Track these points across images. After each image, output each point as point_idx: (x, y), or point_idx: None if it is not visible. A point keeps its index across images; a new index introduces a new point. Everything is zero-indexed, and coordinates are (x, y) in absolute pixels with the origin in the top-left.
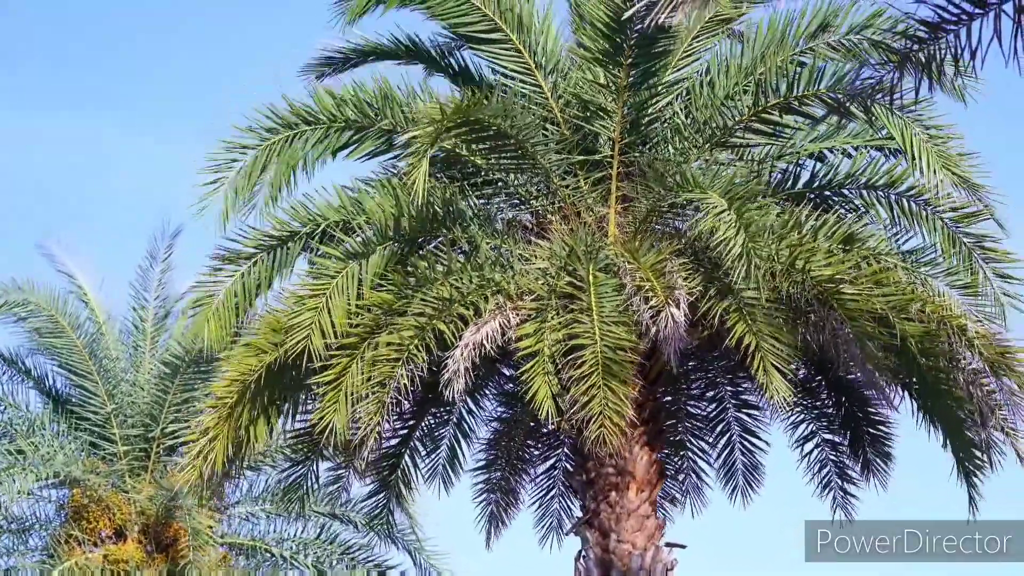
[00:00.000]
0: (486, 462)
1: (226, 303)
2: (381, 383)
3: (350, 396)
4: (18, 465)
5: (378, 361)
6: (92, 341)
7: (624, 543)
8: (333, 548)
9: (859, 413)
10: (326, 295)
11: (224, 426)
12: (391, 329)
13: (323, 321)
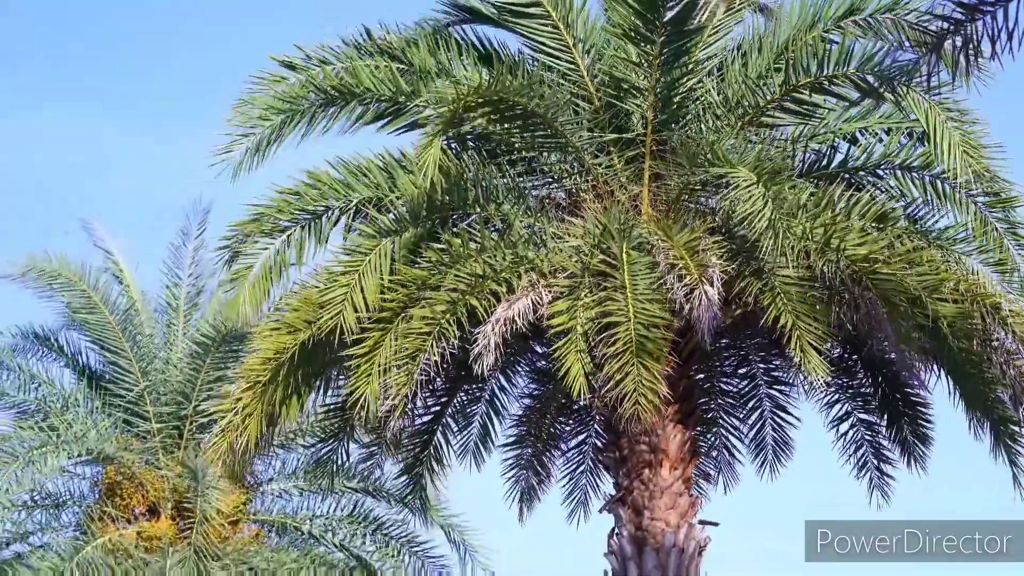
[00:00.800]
0: (517, 438)
1: (262, 276)
2: (412, 356)
3: (383, 369)
4: (52, 442)
5: (410, 334)
6: (125, 318)
7: (657, 521)
8: (366, 525)
9: (896, 394)
10: (359, 272)
11: (258, 403)
12: (424, 304)
13: (355, 297)
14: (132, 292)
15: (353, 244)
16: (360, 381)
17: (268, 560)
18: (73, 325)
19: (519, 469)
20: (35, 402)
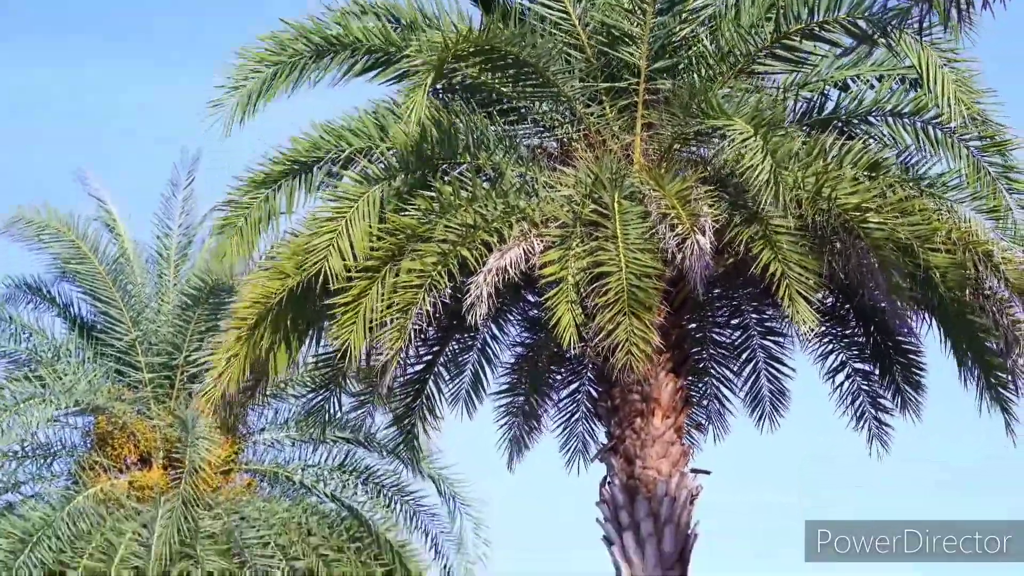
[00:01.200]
0: (509, 386)
1: (251, 225)
2: (404, 310)
3: (368, 317)
4: (43, 393)
5: (401, 287)
6: (116, 268)
7: (649, 469)
8: (357, 475)
9: (889, 343)
10: (346, 218)
11: (244, 347)
12: (414, 255)
13: (342, 244)
14: (124, 242)
15: (341, 191)
16: (345, 330)
17: (260, 510)
18: (64, 276)
19: (510, 417)
20: (26, 352)
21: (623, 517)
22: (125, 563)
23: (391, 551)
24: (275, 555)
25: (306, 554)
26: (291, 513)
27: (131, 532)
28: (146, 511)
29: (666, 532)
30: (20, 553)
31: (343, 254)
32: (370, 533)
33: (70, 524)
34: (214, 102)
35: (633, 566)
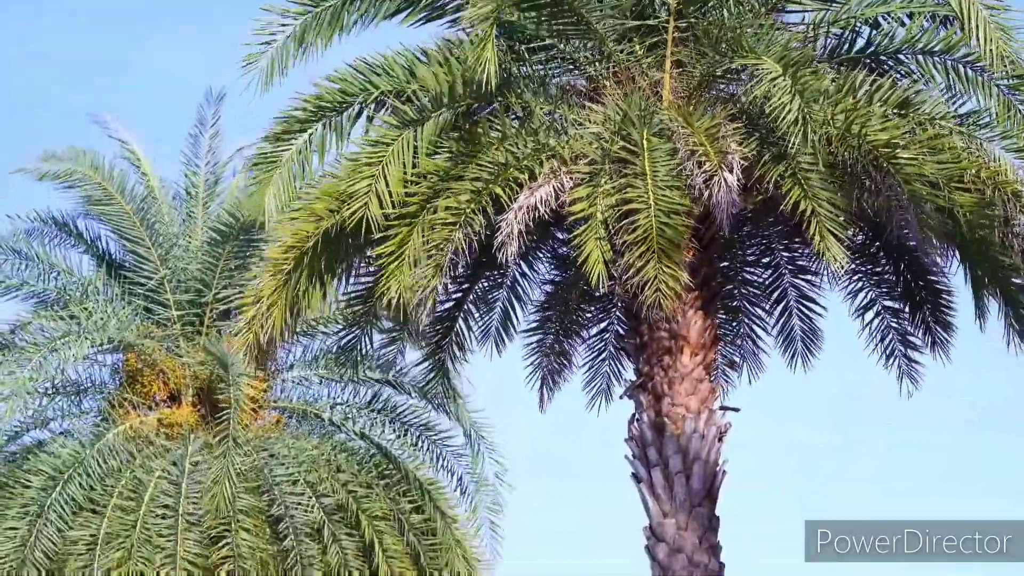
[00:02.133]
0: (538, 324)
1: (285, 170)
2: (438, 246)
3: (411, 264)
4: (73, 331)
5: (436, 225)
6: (143, 206)
7: (677, 406)
8: (385, 413)
9: (919, 281)
10: (383, 162)
11: (280, 293)
12: (448, 194)
13: (380, 189)
14: (150, 180)
15: (377, 135)
16: (391, 278)
17: (289, 447)
18: (91, 215)
19: (540, 355)
20: (55, 291)
21: (651, 454)
22: (155, 501)
23: (420, 489)
24: (304, 492)
25: (335, 491)
26: (320, 450)
27: (160, 470)
28: (176, 448)
29: (694, 469)
30: (51, 491)
31: (381, 199)
32: (399, 470)
33: (100, 461)
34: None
35: (661, 503)
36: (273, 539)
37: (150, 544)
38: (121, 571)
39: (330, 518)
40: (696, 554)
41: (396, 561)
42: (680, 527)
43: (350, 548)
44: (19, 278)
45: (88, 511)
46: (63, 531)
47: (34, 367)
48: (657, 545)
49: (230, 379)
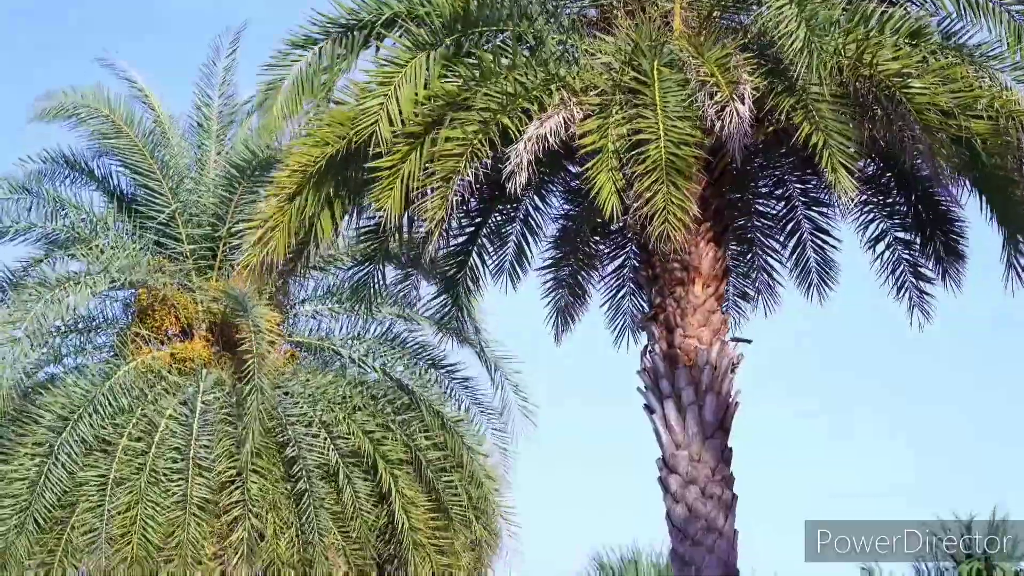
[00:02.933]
0: (553, 259)
1: (295, 87)
2: (446, 178)
3: (407, 182)
4: (83, 268)
5: (443, 156)
6: (153, 140)
7: (690, 338)
8: (400, 347)
9: (930, 211)
10: (394, 83)
11: (284, 216)
12: (455, 124)
13: (391, 109)
14: (159, 115)
15: (390, 55)
16: (384, 194)
17: (304, 384)
18: (101, 151)
19: (555, 290)
20: (64, 229)
21: (664, 386)
22: (165, 443)
23: (440, 424)
24: (319, 434)
25: (352, 432)
26: (335, 387)
27: (171, 409)
28: (187, 385)
29: (707, 400)
30: (62, 430)
31: (392, 119)
32: (417, 405)
33: (111, 399)
34: None
35: (674, 434)
36: (286, 479)
37: (159, 487)
38: (130, 515)
39: (345, 461)
40: (709, 485)
41: (412, 506)
42: (693, 458)
43: (364, 492)
44: (28, 220)
45: (98, 451)
46: (73, 472)
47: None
48: (670, 476)
49: (249, 323)
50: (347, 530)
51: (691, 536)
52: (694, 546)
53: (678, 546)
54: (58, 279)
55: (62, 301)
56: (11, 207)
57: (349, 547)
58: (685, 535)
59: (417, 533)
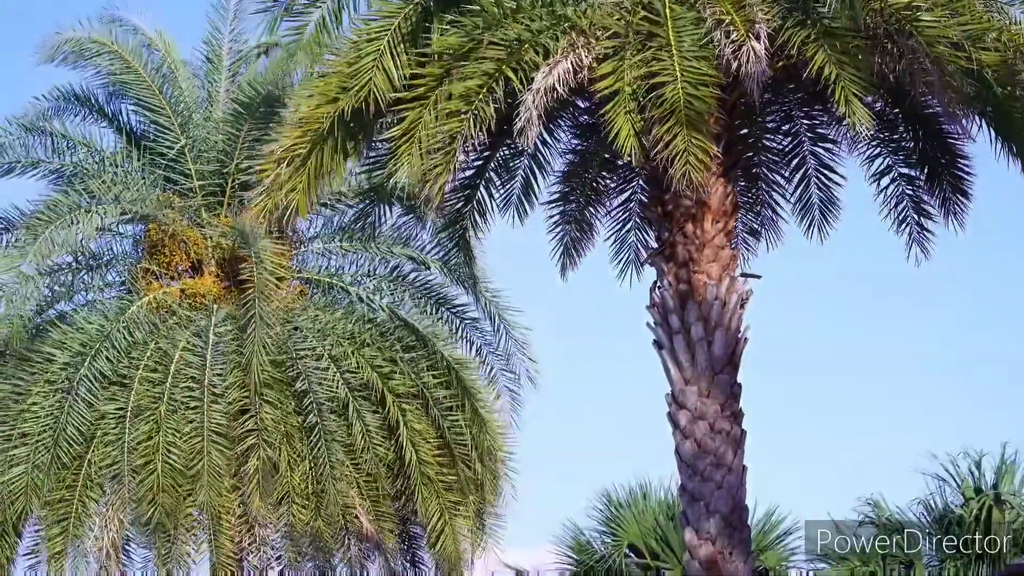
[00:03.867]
0: (560, 194)
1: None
2: (450, 138)
3: (422, 146)
4: (92, 203)
5: (446, 114)
6: (162, 77)
7: (699, 273)
8: (406, 286)
9: (936, 148)
10: (388, 35)
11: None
12: (458, 77)
13: (386, 64)
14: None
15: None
16: (401, 161)
17: (313, 319)
18: (111, 87)
19: (562, 224)
20: (72, 165)
21: (673, 321)
22: (181, 373)
23: (445, 364)
24: (329, 367)
25: (361, 367)
26: (344, 323)
27: (184, 341)
28: (199, 319)
29: (716, 336)
30: (80, 365)
31: (388, 75)
32: (424, 345)
33: (126, 334)
34: None
35: (683, 369)
36: (297, 413)
37: (177, 415)
38: (151, 444)
39: (354, 394)
40: (718, 421)
41: (420, 438)
42: (702, 394)
43: (374, 425)
44: (35, 156)
45: (116, 385)
46: (93, 405)
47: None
48: (679, 412)
49: (252, 255)
50: (359, 463)
51: (700, 472)
52: (703, 481)
53: (687, 482)
54: (68, 207)
55: (70, 229)
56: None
57: (362, 479)
58: (694, 471)
59: (425, 467)
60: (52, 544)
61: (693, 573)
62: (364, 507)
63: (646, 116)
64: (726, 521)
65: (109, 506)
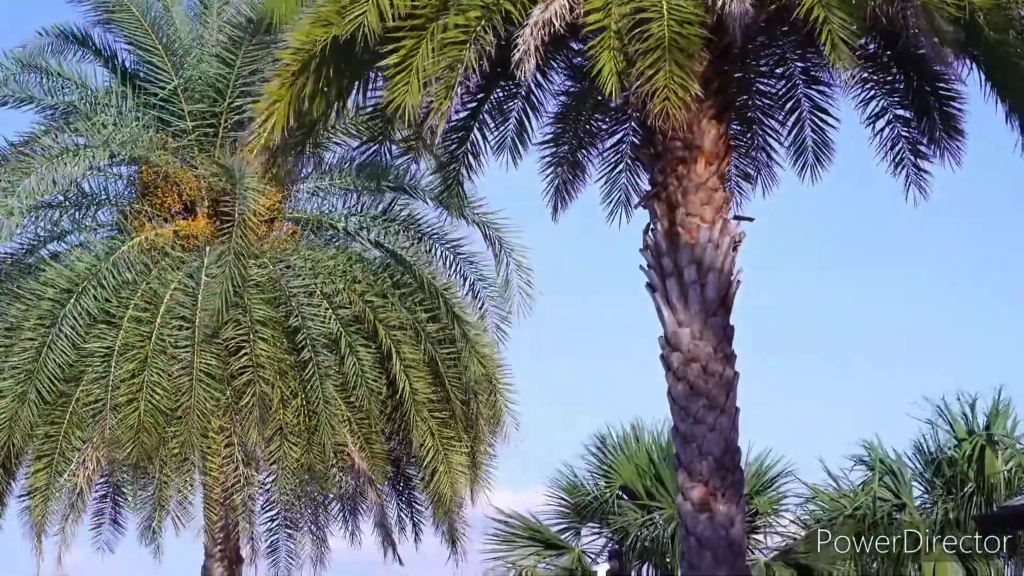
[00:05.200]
0: (553, 135)
1: None
2: (450, 67)
3: (421, 77)
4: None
5: (446, 44)
6: (157, 16)
7: (692, 216)
8: (400, 223)
9: (928, 89)
10: None
11: (287, 92)
12: (457, 9)
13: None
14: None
15: None
16: (398, 91)
17: (305, 258)
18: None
19: (554, 166)
20: (64, 104)
21: (666, 264)
22: (171, 313)
23: (436, 296)
24: (321, 304)
25: (352, 302)
26: (336, 261)
27: (176, 282)
28: (191, 260)
29: (709, 278)
30: (66, 303)
31: (382, 10)
32: (415, 279)
33: (115, 273)
34: None
35: (676, 312)
36: (291, 350)
37: (165, 355)
38: (136, 381)
39: (347, 329)
40: (711, 363)
41: (414, 370)
42: (695, 336)
43: (367, 358)
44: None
45: (103, 323)
46: (77, 344)
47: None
48: (672, 354)
49: (237, 192)
50: (351, 400)
51: (693, 414)
52: (696, 423)
53: (680, 424)
54: (59, 149)
55: (59, 171)
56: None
57: (355, 418)
58: (687, 413)
59: (419, 400)
60: (36, 479)
61: (686, 514)
62: (357, 445)
63: (630, 52)
64: (718, 463)
65: (89, 443)
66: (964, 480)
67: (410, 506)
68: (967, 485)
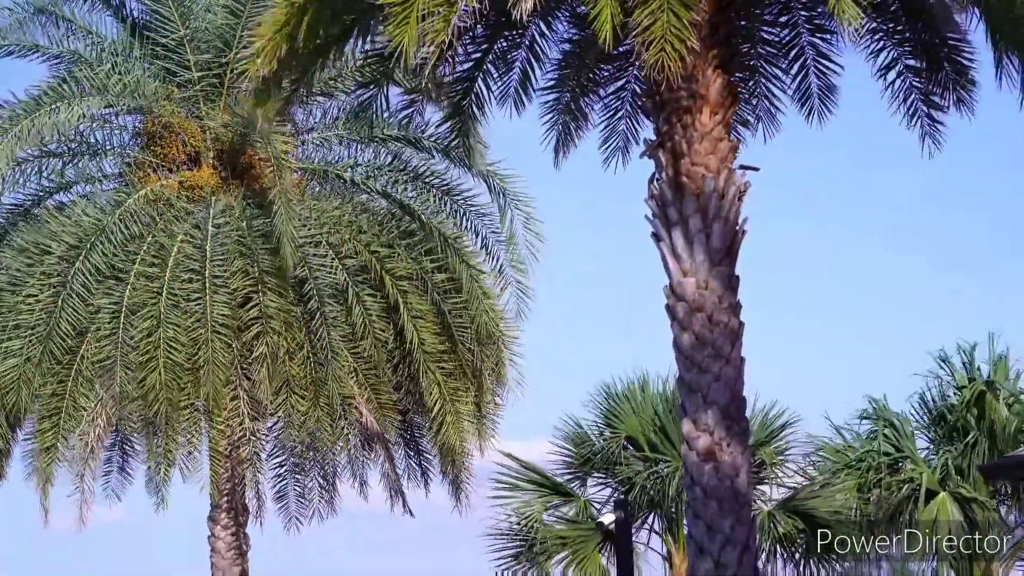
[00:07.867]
0: (556, 82)
1: None
2: (449, 1)
3: (421, 16)
4: (89, 90)
5: None
6: None
7: (697, 165)
8: (406, 173)
9: (937, 39)
10: None
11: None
12: None
13: None
14: None
15: None
16: (398, 29)
17: (311, 208)
18: None
19: (557, 113)
20: (70, 54)
21: (671, 213)
22: (180, 266)
23: (443, 245)
24: (327, 254)
25: (358, 252)
26: (342, 211)
27: (183, 234)
28: (198, 211)
29: (714, 228)
30: (75, 260)
31: None
32: (422, 228)
33: (123, 228)
34: None
35: (681, 261)
36: (297, 301)
37: (178, 309)
38: (152, 339)
39: (353, 279)
40: (716, 313)
41: (421, 321)
42: (700, 286)
43: (374, 309)
44: (32, 40)
45: (112, 279)
46: (87, 300)
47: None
48: (677, 304)
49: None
50: (358, 351)
51: (698, 363)
52: (701, 373)
53: (685, 373)
54: (58, 95)
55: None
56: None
57: (362, 369)
58: (692, 362)
59: (427, 348)
60: (43, 439)
61: (691, 464)
62: (364, 396)
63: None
64: (724, 412)
65: (98, 402)
66: (967, 428)
67: (418, 455)
68: (969, 433)
